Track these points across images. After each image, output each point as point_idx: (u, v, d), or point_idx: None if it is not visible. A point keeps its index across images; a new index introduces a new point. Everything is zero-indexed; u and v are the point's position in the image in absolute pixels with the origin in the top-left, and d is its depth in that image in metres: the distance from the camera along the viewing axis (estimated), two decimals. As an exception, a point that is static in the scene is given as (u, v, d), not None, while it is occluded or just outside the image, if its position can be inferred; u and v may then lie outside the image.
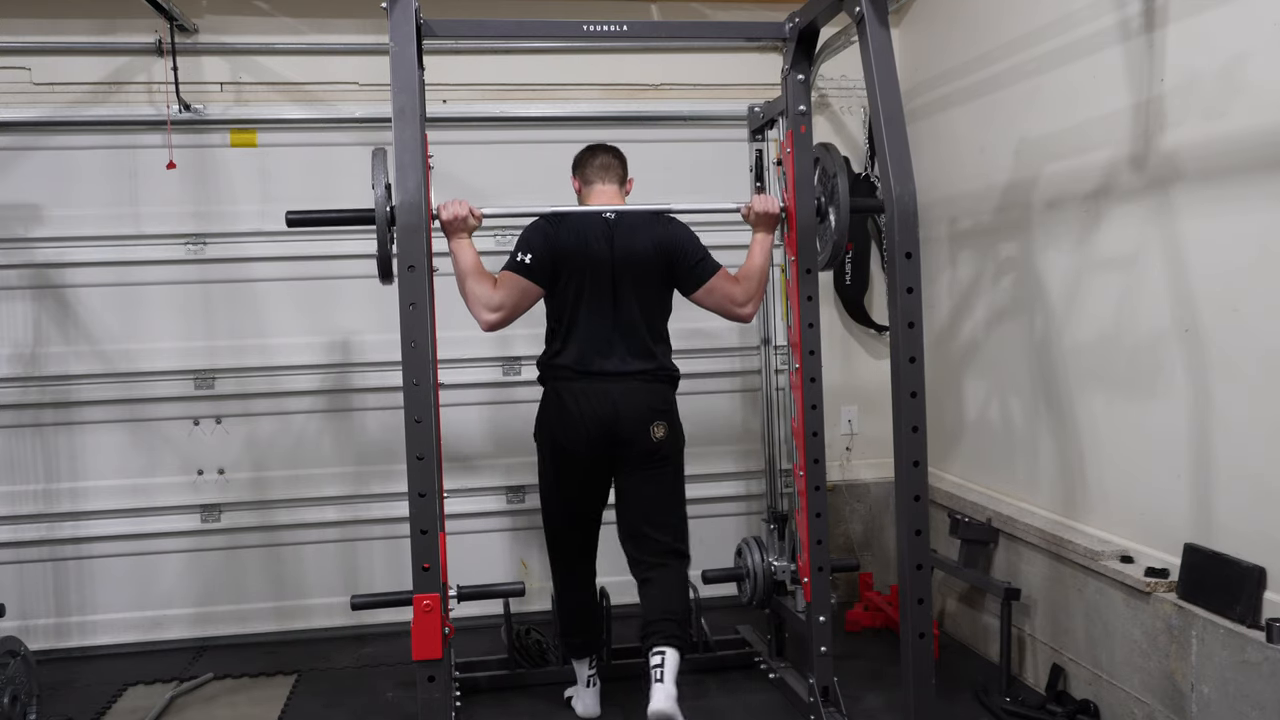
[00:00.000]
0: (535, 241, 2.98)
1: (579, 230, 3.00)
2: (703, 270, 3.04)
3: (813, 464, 3.11)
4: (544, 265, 2.95)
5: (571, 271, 2.97)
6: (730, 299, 3.03)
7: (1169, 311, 2.79)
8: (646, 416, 2.97)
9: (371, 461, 4.13)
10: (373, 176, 2.60)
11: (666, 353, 3.11)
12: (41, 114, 3.90)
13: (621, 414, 2.95)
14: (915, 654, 2.47)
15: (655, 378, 3.04)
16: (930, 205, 4.10)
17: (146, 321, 4.00)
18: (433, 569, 2.47)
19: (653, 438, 2.98)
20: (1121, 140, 2.95)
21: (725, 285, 3.02)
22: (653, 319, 3.06)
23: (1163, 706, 2.74)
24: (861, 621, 3.99)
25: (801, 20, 3.04)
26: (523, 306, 2.96)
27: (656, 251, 3.02)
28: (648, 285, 3.02)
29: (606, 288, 2.98)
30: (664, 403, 3.05)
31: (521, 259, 2.95)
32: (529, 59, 4.19)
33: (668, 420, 3.03)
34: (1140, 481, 2.96)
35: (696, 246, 3.08)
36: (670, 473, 3.07)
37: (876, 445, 4.41)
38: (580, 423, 2.98)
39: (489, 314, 2.89)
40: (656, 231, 3.06)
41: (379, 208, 2.57)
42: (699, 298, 3.05)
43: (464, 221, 2.85)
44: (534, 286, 2.95)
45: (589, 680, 3.26)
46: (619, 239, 3.00)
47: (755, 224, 3.07)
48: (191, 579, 4.07)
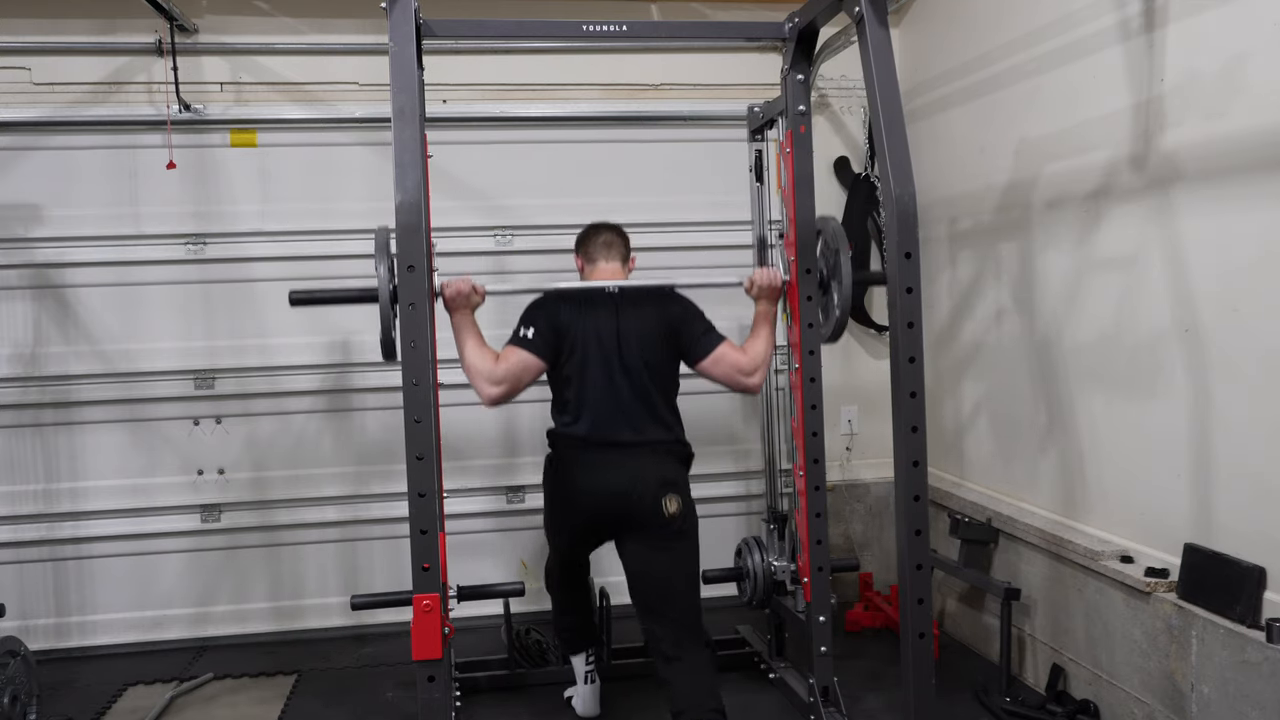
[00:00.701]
0: (538, 316, 2.98)
1: (583, 304, 3.00)
2: (709, 341, 3.01)
3: (813, 464, 3.11)
4: (547, 340, 2.94)
5: (575, 345, 2.95)
6: (737, 368, 3.00)
7: (1169, 311, 2.79)
8: (657, 490, 2.85)
9: (371, 461, 4.13)
10: (375, 258, 2.60)
11: (679, 426, 3.05)
12: (41, 114, 3.90)
13: (630, 487, 2.85)
14: (915, 654, 2.47)
15: (668, 451, 2.98)
16: (930, 205, 4.10)
17: (146, 321, 4.00)
18: (432, 569, 2.47)
19: (665, 512, 2.84)
20: (1121, 140, 2.95)
21: (732, 355, 3.00)
22: (662, 390, 3.01)
23: (1163, 706, 2.74)
24: (861, 621, 3.99)
25: (801, 20, 3.04)
26: (525, 381, 2.94)
27: (662, 324, 3.01)
28: (655, 357, 2.98)
29: (614, 361, 2.95)
30: (676, 475, 2.94)
31: (524, 334, 2.94)
32: (529, 59, 4.19)
33: (680, 494, 2.89)
34: (1140, 481, 2.96)
35: (701, 318, 3.07)
36: (686, 549, 2.93)
37: (876, 445, 4.41)
38: (587, 494, 2.92)
39: (491, 388, 2.88)
40: (661, 305, 3.05)
41: (381, 287, 2.57)
42: (705, 368, 3.02)
43: (467, 298, 2.87)
44: (536, 361, 2.93)
45: (587, 676, 3.26)
46: (624, 312, 2.99)
47: (758, 296, 3.07)
48: (191, 579, 4.07)
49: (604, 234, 3.13)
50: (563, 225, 4.17)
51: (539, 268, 4.16)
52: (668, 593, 2.88)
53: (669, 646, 2.83)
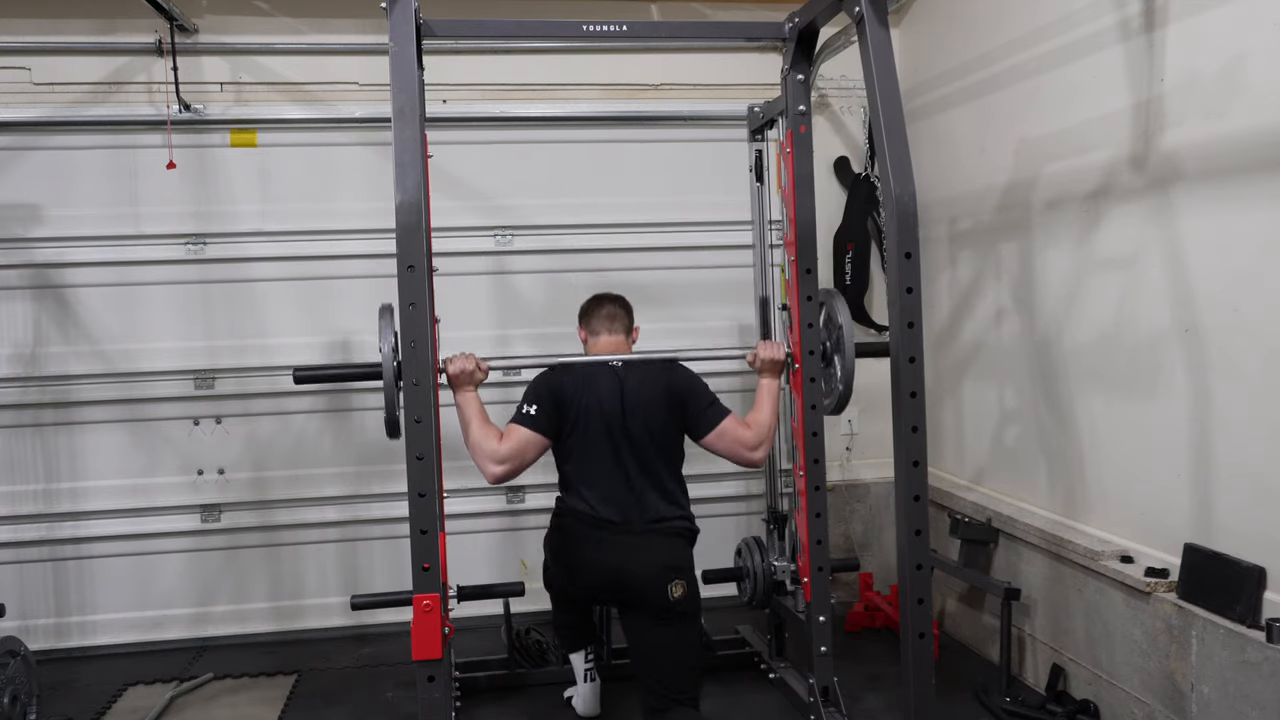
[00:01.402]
0: (541, 393, 2.98)
1: (587, 379, 3.00)
2: (713, 415, 3.02)
3: (813, 464, 3.11)
4: (550, 417, 2.95)
5: (577, 420, 2.96)
6: (741, 443, 3.00)
7: (1169, 311, 2.79)
8: (663, 576, 2.87)
9: (371, 461, 4.13)
10: (379, 335, 2.60)
11: (685, 500, 3.07)
12: (41, 114, 3.90)
13: (636, 569, 2.88)
14: (915, 654, 2.47)
15: (675, 531, 3.00)
16: (930, 205, 4.10)
17: (146, 321, 4.00)
18: (433, 569, 2.47)
19: (670, 597, 2.87)
20: (1121, 140, 2.95)
21: (736, 429, 3.00)
22: (668, 464, 3.03)
23: (1163, 706, 2.74)
24: (861, 621, 3.99)
25: (801, 20, 3.04)
26: (529, 458, 2.94)
27: (667, 398, 3.01)
28: (660, 432, 3.00)
29: (619, 435, 2.96)
30: (682, 559, 2.97)
31: (527, 411, 2.95)
32: (529, 59, 4.19)
33: (685, 579, 2.91)
34: (1140, 481, 2.95)
35: (706, 392, 3.08)
36: (689, 630, 2.96)
37: (876, 445, 4.42)
38: (590, 573, 2.95)
39: (495, 467, 2.88)
40: (665, 378, 3.05)
41: (385, 364, 2.57)
42: (709, 442, 3.03)
43: (470, 375, 2.87)
44: (539, 438, 2.94)
45: (587, 675, 3.26)
46: (628, 386, 3.00)
47: (761, 370, 3.07)
48: (191, 579, 4.07)
49: (607, 306, 3.15)
50: (563, 225, 4.19)
51: (539, 268, 4.17)
52: (666, 666, 2.92)
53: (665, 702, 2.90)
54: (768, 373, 3.08)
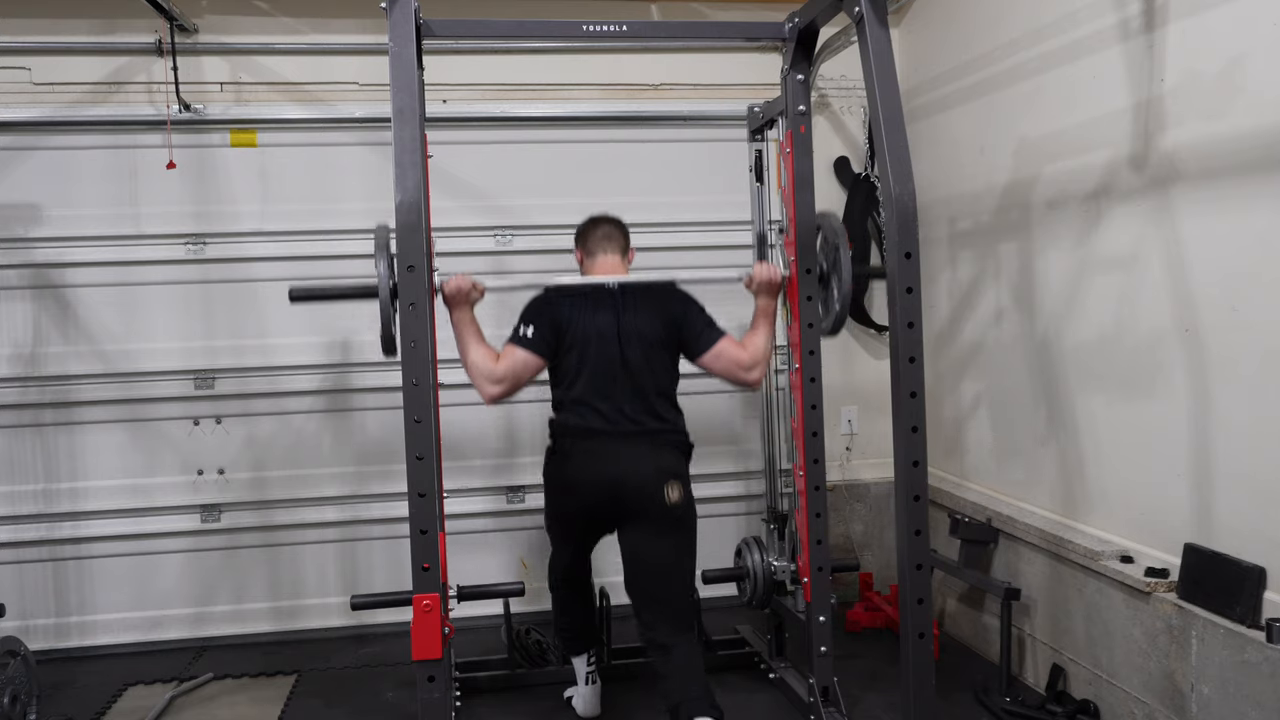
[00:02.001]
0: (538, 313, 2.99)
1: (583, 300, 3.00)
2: (710, 336, 3.02)
3: (813, 464, 3.11)
4: (546, 338, 2.95)
5: (574, 342, 2.96)
6: (737, 364, 3.01)
7: (1169, 311, 2.79)
8: (658, 478, 2.88)
9: (371, 461, 4.13)
10: (375, 256, 2.59)
11: (679, 418, 3.06)
12: (41, 114, 3.90)
13: (632, 475, 2.88)
14: (915, 654, 2.47)
15: (668, 441, 2.99)
16: (930, 205, 4.10)
17: (146, 321, 4.00)
18: (432, 569, 2.47)
19: (668, 499, 2.86)
20: (1121, 140, 2.95)
21: (731, 350, 3.01)
22: (662, 385, 3.02)
23: (1163, 706, 2.74)
24: (861, 621, 3.99)
25: (801, 20, 3.04)
26: (525, 378, 2.95)
27: (662, 318, 3.01)
28: (655, 352, 2.99)
29: (614, 356, 2.96)
30: (677, 465, 2.96)
31: (523, 332, 2.95)
32: (529, 59, 4.19)
33: (681, 483, 2.92)
34: (1140, 481, 2.96)
35: (701, 312, 3.08)
36: (687, 539, 2.97)
37: (876, 445, 4.41)
38: (588, 483, 2.93)
39: (491, 387, 2.89)
40: (661, 300, 3.05)
41: (381, 284, 2.57)
42: (705, 362, 3.03)
43: (467, 295, 2.87)
44: (536, 359, 2.94)
45: (588, 677, 3.26)
46: (624, 309, 3.00)
47: (758, 292, 3.07)
48: (191, 579, 4.07)
49: (603, 227, 3.14)
50: (562, 225, 4.16)
51: (539, 267, 4.16)
52: (664, 580, 2.92)
53: (663, 635, 2.87)
54: (764, 294, 3.07)
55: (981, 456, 3.90)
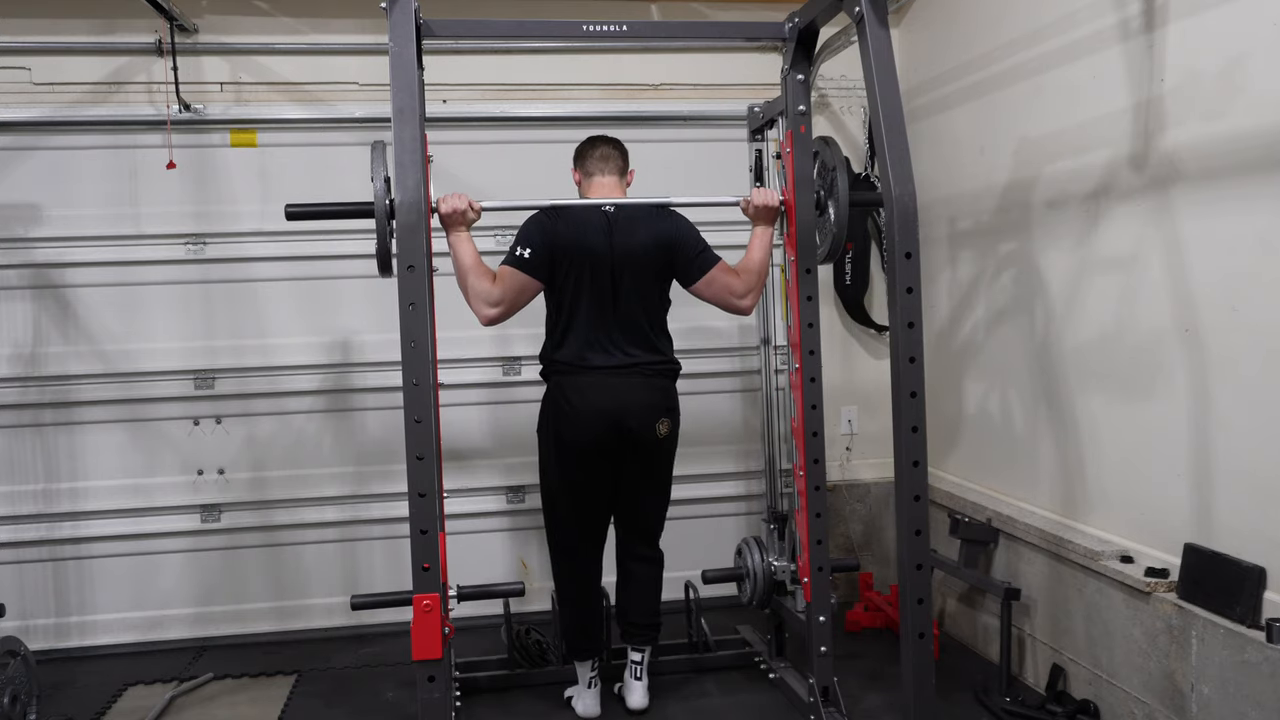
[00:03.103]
0: (533, 236, 2.99)
1: (578, 224, 3.01)
2: (703, 262, 3.06)
3: (813, 464, 3.11)
4: (542, 260, 2.97)
5: (570, 265, 2.98)
6: (730, 290, 3.04)
7: (1169, 311, 2.79)
8: (651, 414, 3.03)
9: (371, 461, 4.13)
10: (372, 169, 2.61)
11: (668, 345, 3.15)
12: (41, 114, 3.90)
13: (627, 409, 3.00)
14: (915, 654, 2.48)
15: (658, 371, 3.09)
16: (930, 205, 4.10)
17: (146, 321, 4.00)
18: (433, 569, 2.47)
19: (658, 434, 3.05)
20: (1121, 140, 2.95)
21: (725, 277, 3.04)
22: (653, 311, 3.09)
23: (1163, 706, 2.74)
24: (861, 621, 3.99)
25: (801, 20, 3.04)
26: (521, 301, 2.99)
27: (656, 244, 3.03)
28: (647, 278, 3.03)
29: (606, 281, 2.99)
30: (668, 398, 3.12)
31: (520, 253, 2.96)
32: (529, 59, 4.19)
33: (671, 418, 3.11)
34: (1140, 481, 2.95)
35: (697, 238, 3.09)
36: (666, 465, 3.19)
37: (876, 445, 4.41)
38: (585, 417, 3.01)
39: (488, 308, 2.91)
40: (656, 224, 3.07)
41: (378, 201, 2.58)
42: (698, 289, 3.07)
43: (463, 215, 2.85)
44: (532, 281, 2.97)
45: (591, 681, 3.25)
46: (618, 232, 3.01)
47: (755, 217, 3.08)
48: (191, 579, 4.07)
49: (601, 147, 3.16)
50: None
51: (539, 268, 4.16)
52: (648, 505, 3.20)
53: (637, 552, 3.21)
54: (761, 220, 3.07)
55: (981, 457, 3.90)
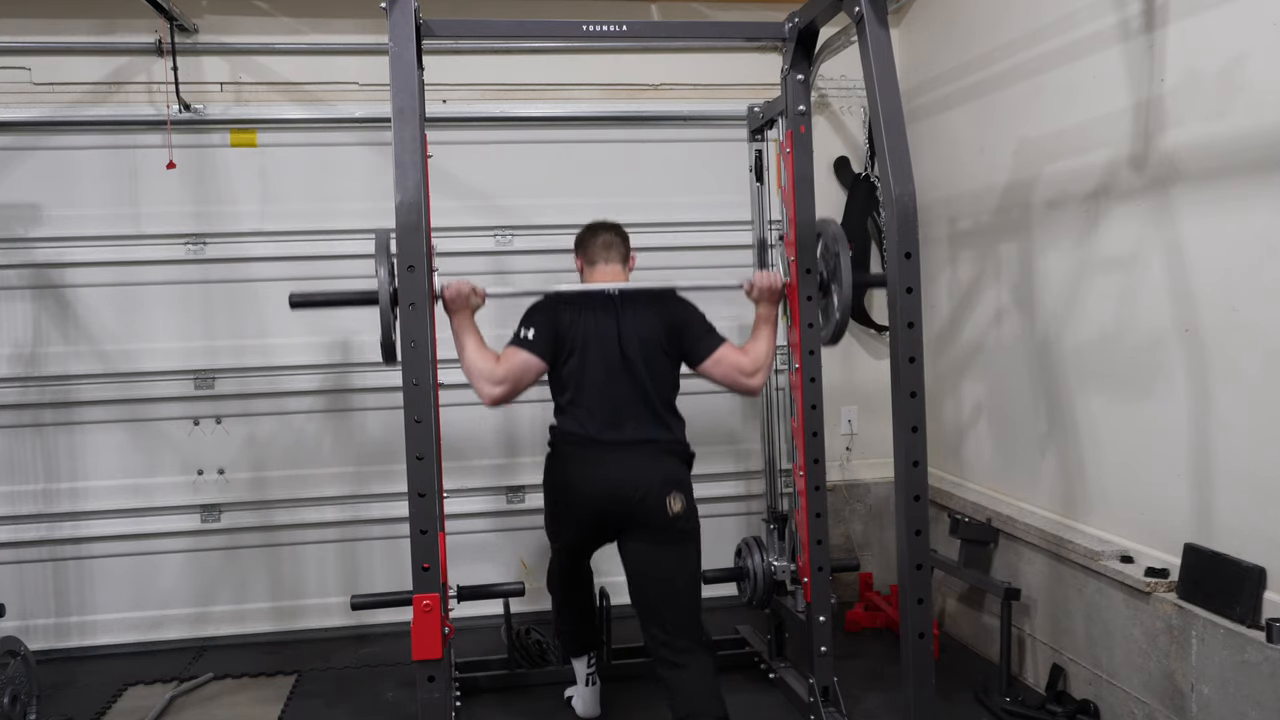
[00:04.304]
0: (539, 317, 2.98)
1: (584, 306, 2.99)
2: (710, 342, 3.01)
3: (813, 464, 3.11)
4: (547, 341, 2.94)
5: (575, 346, 2.95)
6: (738, 369, 2.99)
7: (1169, 311, 2.79)
8: (661, 489, 2.83)
9: (371, 461, 4.13)
10: (375, 261, 2.59)
11: (680, 427, 3.04)
12: (41, 114, 3.90)
13: (633, 484, 2.83)
14: (915, 654, 2.47)
15: (669, 450, 2.96)
16: (930, 205, 4.10)
17: (146, 321, 4.00)
18: (432, 569, 2.47)
19: (670, 511, 2.81)
20: (1121, 140, 2.95)
21: (733, 356, 3.00)
22: (663, 392, 3.00)
23: (1163, 706, 2.74)
24: (861, 621, 3.99)
25: (801, 20, 3.04)
26: (525, 381, 2.93)
27: (663, 325, 3.00)
28: (655, 359, 2.98)
29: (615, 362, 2.95)
30: (679, 475, 2.93)
31: (524, 334, 2.94)
32: (529, 59, 4.19)
33: (684, 494, 2.87)
34: (1140, 481, 2.96)
35: (702, 320, 3.07)
36: (689, 551, 2.91)
37: (876, 445, 4.41)
38: (590, 493, 2.89)
39: (492, 388, 2.87)
40: (661, 306, 3.04)
41: (382, 290, 2.56)
42: (706, 369, 3.02)
43: (467, 300, 2.87)
44: (537, 361, 2.93)
45: (588, 679, 3.26)
46: (625, 313, 2.99)
47: (759, 299, 3.07)
48: (191, 579, 4.07)
49: (603, 235, 3.13)
50: (563, 225, 4.16)
51: (539, 268, 4.16)
52: (670, 594, 2.85)
53: (671, 653, 2.81)
54: (765, 302, 3.07)
55: (981, 456, 3.90)
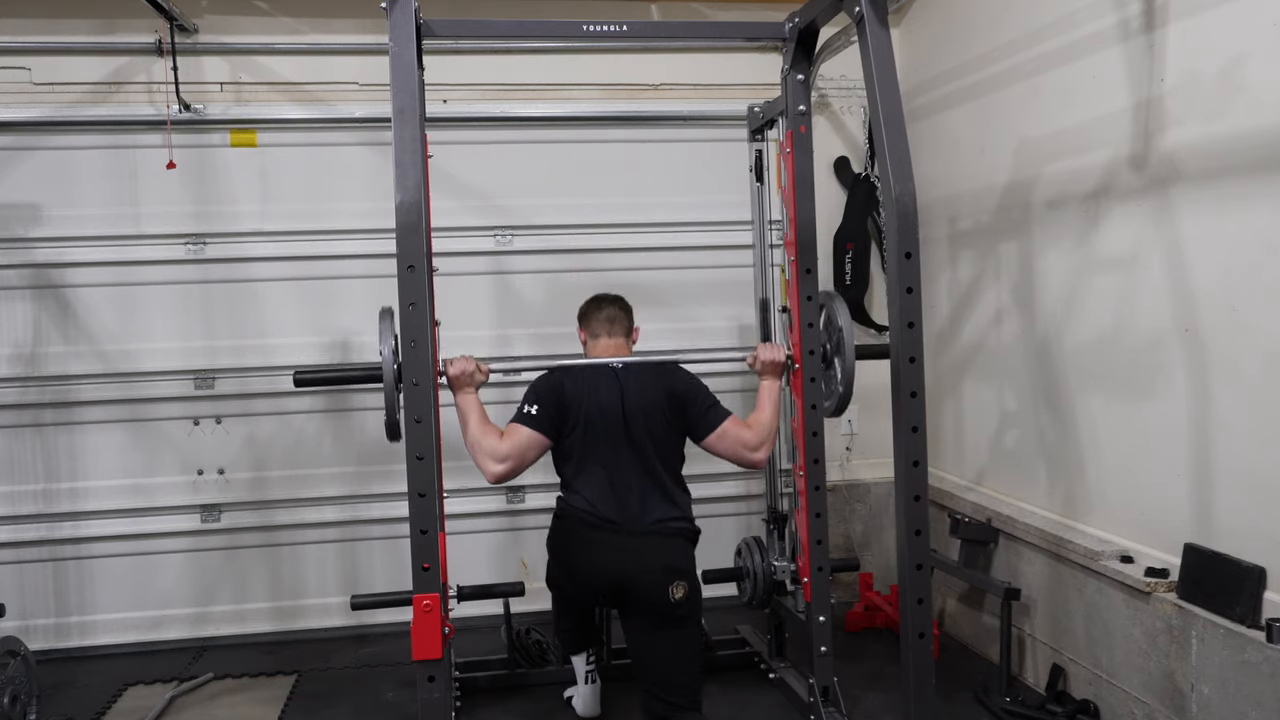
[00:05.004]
0: (542, 393, 2.99)
1: (588, 380, 3.00)
2: (714, 417, 3.02)
3: (813, 464, 3.11)
4: (550, 416, 2.95)
5: (578, 421, 2.96)
6: (743, 444, 3.00)
7: (1169, 311, 2.79)
8: (664, 577, 2.84)
9: (371, 461, 4.13)
10: (379, 336, 2.59)
11: (686, 501, 3.05)
12: (41, 114, 3.90)
13: (637, 571, 2.85)
14: (915, 654, 2.47)
15: (676, 532, 2.98)
16: (930, 205, 4.10)
17: (146, 321, 4.00)
18: (433, 569, 2.47)
19: (671, 598, 2.84)
20: (1121, 140, 2.95)
21: (737, 431, 3.00)
22: (668, 465, 3.02)
23: (1163, 706, 2.74)
24: (861, 621, 3.99)
25: (801, 20, 3.04)
26: (529, 458, 2.94)
27: (667, 399, 3.01)
28: (659, 433, 2.99)
29: (619, 436, 2.96)
30: (683, 560, 2.94)
31: (528, 410, 2.95)
32: (529, 59, 4.19)
33: (687, 581, 2.89)
34: (1140, 481, 2.95)
35: (706, 394, 3.08)
36: (690, 633, 2.94)
37: (876, 445, 4.41)
38: (592, 573, 2.93)
39: (495, 465, 2.88)
40: (664, 379, 3.05)
41: (386, 367, 2.57)
42: (710, 443, 3.02)
43: (470, 377, 2.87)
44: (540, 437, 2.94)
45: (588, 676, 3.26)
46: (629, 388, 3.00)
47: (762, 372, 3.08)
48: (191, 579, 4.07)
49: (607, 309, 3.15)
50: (563, 225, 4.19)
51: (539, 268, 4.17)
52: (669, 673, 2.89)
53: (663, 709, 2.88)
54: (768, 374, 3.08)
55: (981, 456, 3.90)
